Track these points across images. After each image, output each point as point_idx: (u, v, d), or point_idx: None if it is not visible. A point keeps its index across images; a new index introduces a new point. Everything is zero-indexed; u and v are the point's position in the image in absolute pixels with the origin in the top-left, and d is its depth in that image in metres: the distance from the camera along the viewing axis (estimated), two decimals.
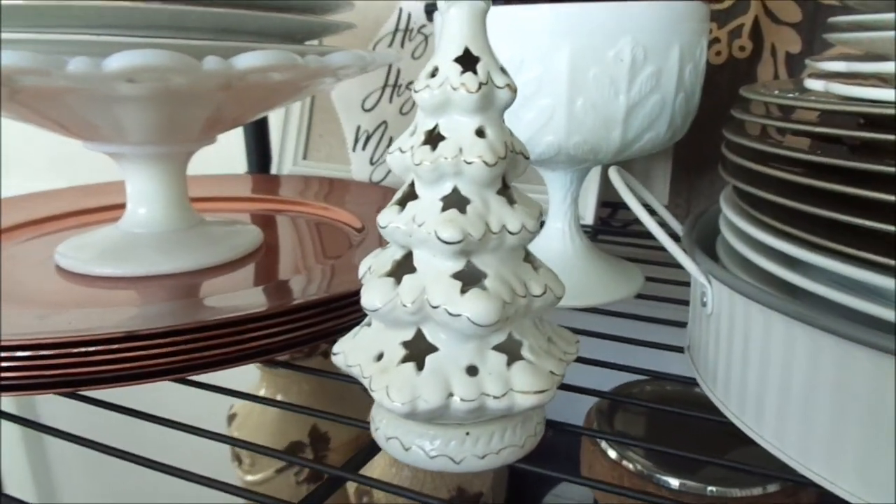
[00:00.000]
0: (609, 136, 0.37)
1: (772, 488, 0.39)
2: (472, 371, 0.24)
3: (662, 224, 0.42)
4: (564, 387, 0.35)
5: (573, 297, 0.42)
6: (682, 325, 0.37)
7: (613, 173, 0.33)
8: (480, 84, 0.23)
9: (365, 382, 0.25)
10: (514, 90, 0.24)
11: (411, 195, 0.25)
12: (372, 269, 0.26)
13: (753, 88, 0.33)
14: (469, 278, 0.24)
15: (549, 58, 0.36)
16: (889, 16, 0.26)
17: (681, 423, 0.41)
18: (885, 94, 0.25)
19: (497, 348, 0.25)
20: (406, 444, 0.26)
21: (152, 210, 0.45)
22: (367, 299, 0.25)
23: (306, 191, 0.65)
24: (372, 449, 0.29)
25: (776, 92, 0.32)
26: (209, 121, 0.44)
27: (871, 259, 0.23)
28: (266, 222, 0.57)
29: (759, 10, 0.55)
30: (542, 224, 0.26)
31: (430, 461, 0.26)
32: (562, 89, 0.36)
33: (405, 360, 0.25)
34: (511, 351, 0.25)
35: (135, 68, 0.29)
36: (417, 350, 0.25)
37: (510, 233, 0.24)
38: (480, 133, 0.24)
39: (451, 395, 0.24)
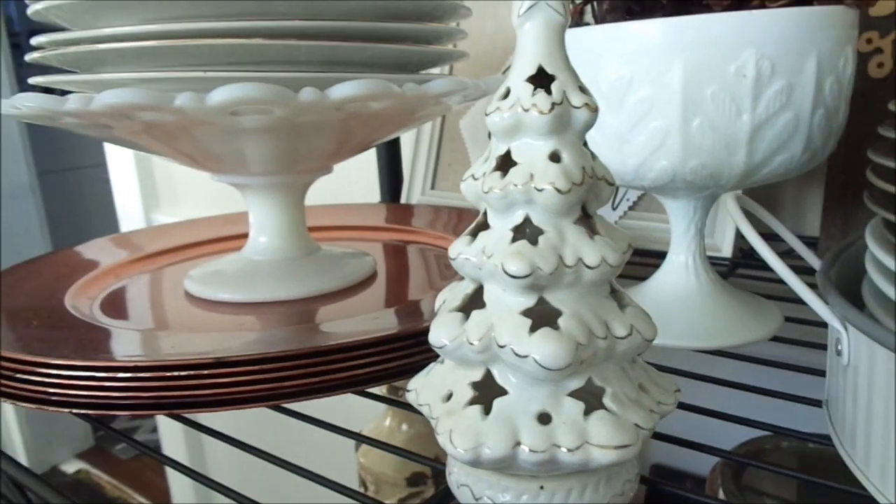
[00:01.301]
0: (731, 159, 0.33)
1: None
2: (544, 419, 0.22)
3: (782, 253, 0.37)
4: (683, 443, 0.32)
5: (696, 338, 0.38)
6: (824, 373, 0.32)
7: (730, 200, 0.29)
8: (553, 104, 0.21)
9: (433, 423, 0.24)
10: (593, 110, 0.22)
11: (483, 225, 0.24)
12: (446, 302, 0.25)
13: None
14: (544, 316, 0.22)
15: (661, 75, 0.33)
16: None
17: (822, 489, 0.35)
18: None
19: (574, 395, 0.23)
20: (476, 493, 0.24)
21: (272, 238, 0.46)
22: (434, 335, 0.23)
23: (436, 221, 0.65)
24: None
25: None
26: (326, 151, 0.45)
27: None
28: (395, 252, 0.57)
29: None
30: (627, 257, 0.23)
31: None
32: (675, 109, 0.33)
33: (473, 402, 0.23)
34: (591, 399, 0.23)
35: (235, 101, 0.30)
36: (488, 392, 0.23)
37: (588, 267, 0.22)
38: (555, 157, 0.22)
39: (518, 444, 0.22)
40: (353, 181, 0.96)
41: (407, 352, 0.33)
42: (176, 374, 0.29)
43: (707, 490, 0.39)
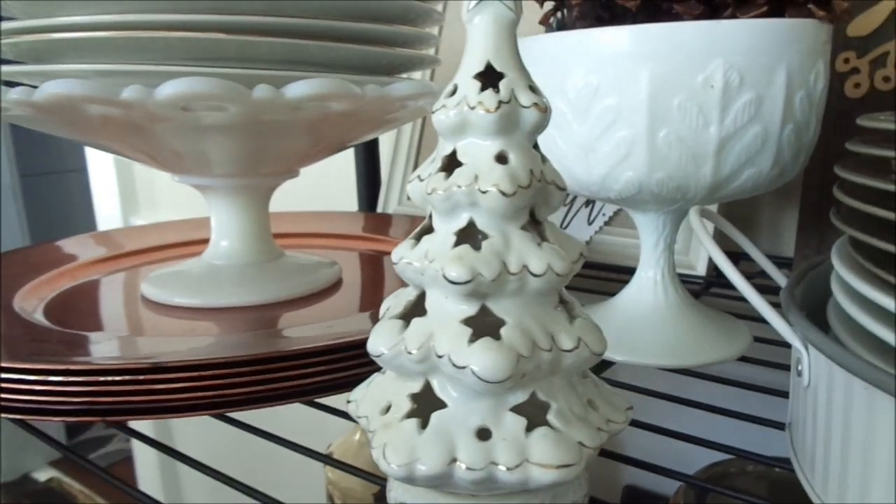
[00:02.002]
0: (698, 172, 0.33)
1: None
2: (483, 435, 0.21)
3: (755, 273, 0.37)
4: (645, 465, 0.31)
5: (662, 356, 0.37)
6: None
7: (693, 214, 0.28)
8: (501, 103, 0.20)
9: (370, 437, 0.23)
10: (543, 110, 0.21)
11: (428, 229, 0.23)
12: (389, 309, 0.24)
13: (874, 117, 0.28)
14: (488, 326, 0.21)
15: (628, 84, 0.32)
16: None
17: None
18: None
19: (517, 410, 0.21)
20: None
21: (233, 243, 0.45)
22: (372, 343, 0.22)
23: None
24: None
25: None
26: (293, 153, 0.44)
27: None
28: (370, 262, 0.56)
29: None
30: (578, 266, 0.22)
31: None
32: (642, 119, 0.32)
33: (411, 415, 0.22)
34: (535, 414, 0.21)
35: (184, 95, 0.29)
36: (428, 405, 0.22)
37: (533, 275, 0.21)
38: (501, 158, 0.21)
39: (454, 460, 0.20)
40: (333, 188, 0.95)
41: (356, 362, 0.31)
42: (110, 378, 0.28)
43: None
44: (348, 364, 0.32)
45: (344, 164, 0.83)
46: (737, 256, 0.57)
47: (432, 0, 0.43)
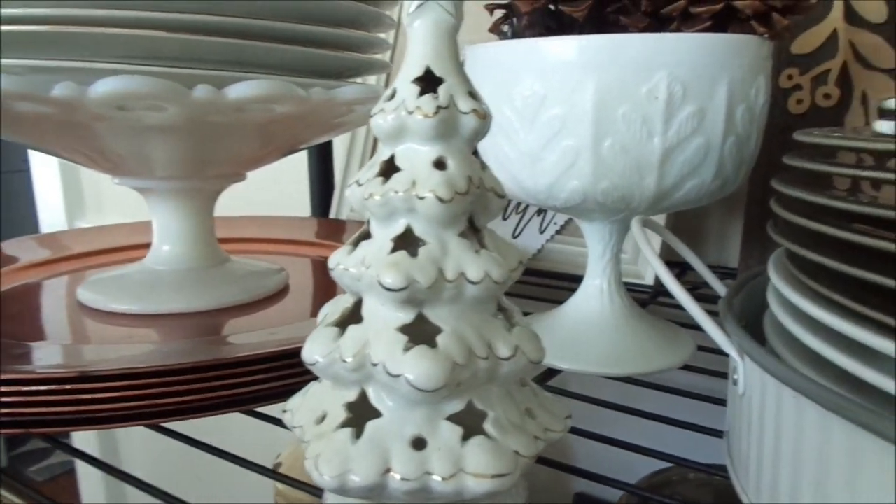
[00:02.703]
0: (642, 182, 0.33)
1: None
2: (418, 444, 0.21)
3: (702, 283, 0.37)
4: (589, 475, 0.31)
5: (606, 364, 0.37)
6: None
7: (635, 223, 0.29)
8: (439, 108, 0.20)
9: (304, 447, 0.22)
10: (482, 116, 0.21)
11: (366, 234, 0.22)
12: (326, 316, 0.23)
13: (809, 132, 0.28)
14: (424, 333, 0.21)
15: (574, 93, 0.32)
16: None
17: None
18: None
19: (453, 419, 0.21)
20: None
21: (175, 247, 0.44)
22: (307, 351, 0.22)
23: None
24: None
25: (837, 135, 0.27)
26: (239, 156, 0.43)
27: None
28: (322, 268, 0.55)
29: (849, 55, 0.49)
30: (517, 274, 0.22)
31: None
32: (587, 129, 0.32)
33: (346, 424, 0.21)
34: (472, 423, 0.21)
35: (119, 94, 0.28)
36: (364, 414, 0.22)
37: (470, 282, 0.21)
38: (440, 164, 0.21)
39: (388, 470, 0.20)
40: (285, 193, 0.93)
41: (299, 370, 0.31)
42: (35, 388, 0.27)
43: None
44: (290, 372, 0.31)
45: (297, 168, 0.82)
46: (685, 267, 0.58)
47: (385, 2, 0.42)
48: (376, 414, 0.21)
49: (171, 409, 0.29)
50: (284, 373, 0.31)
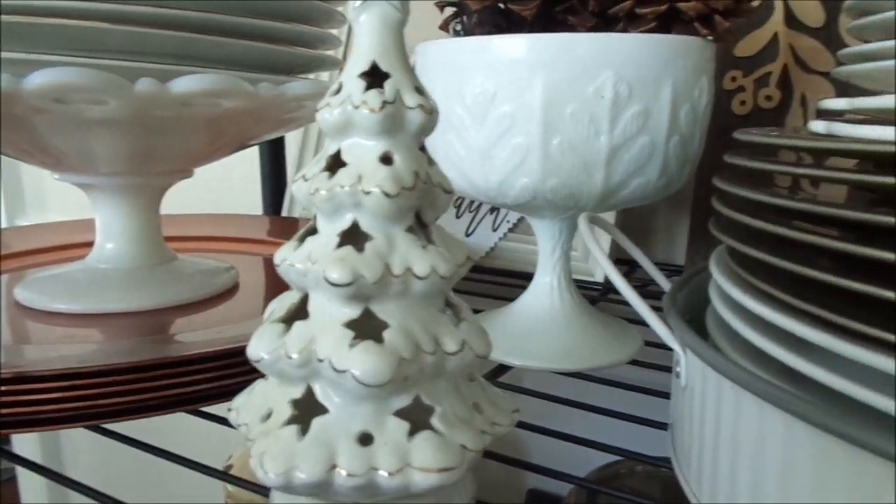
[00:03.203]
0: (590, 180, 0.33)
1: None
2: (365, 440, 0.21)
3: (650, 281, 0.38)
4: (538, 469, 0.31)
5: (556, 360, 0.38)
6: None
7: (582, 219, 0.29)
8: (385, 102, 0.20)
9: (249, 446, 0.22)
10: (429, 112, 0.21)
11: (313, 230, 0.22)
12: (273, 313, 0.23)
13: (748, 131, 0.29)
14: (372, 329, 0.21)
15: (523, 92, 0.32)
16: (888, 44, 0.22)
17: None
18: (880, 131, 0.21)
19: (400, 414, 0.21)
20: None
21: (119, 245, 0.43)
22: (252, 347, 0.21)
23: None
24: None
25: (774, 134, 0.28)
26: (186, 152, 0.42)
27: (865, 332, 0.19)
28: (273, 265, 0.54)
29: (789, 59, 0.51)
30: (464, 270, 0.22)
31: None
32: (536, 127, 0.32)
33: (292, 421, 0.21)
34: (419, 418, 0.21)
35: (56, 87, 0.27)
36: (310, 411, 0.21)
37: (417, 277, 0.21)
38: (386, 159, 0.21)
39: (334, 467, 0.20)
40: (237, 190, 0.92)
41: (246, 368, 0.30)
42: None
43: None
44: (237, 371, 0.31)
45: (249, 166, 0.80)
46: (634, 265, 0.59)
47: (335, 0, 0.42)
48: (323, 410, 0.21)
49: (114, 410, 0.29)
50: (232, 371, 0.31)
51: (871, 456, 0.17)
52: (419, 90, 0.21)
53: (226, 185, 0.91)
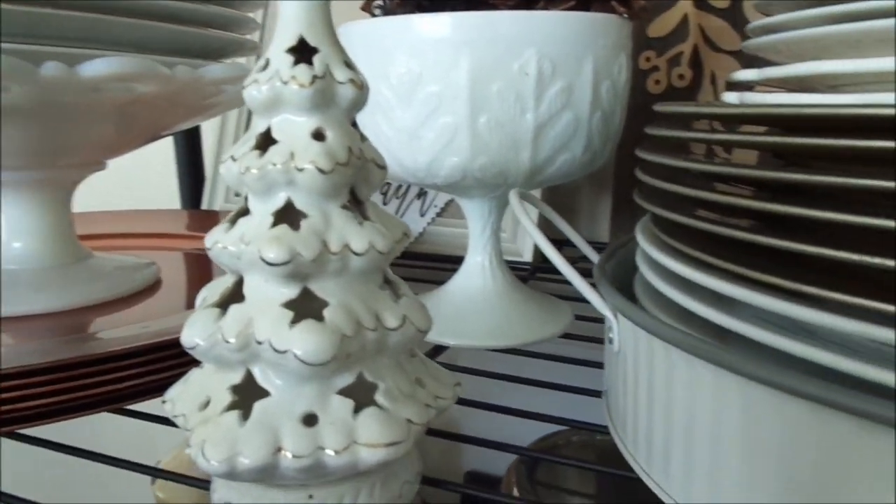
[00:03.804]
0: (518, 157, 0.34)
1: None
2: (309, 420, 0.20)
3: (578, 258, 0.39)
4: (477, 441, 0.31)
5: (490, 337, 0.38)
6: None
7: (514, 197, 0.29)
8: (315, 77, 0.20)
9: (187, 436, 0.21)
10: (359, 87, 0.21)
11: (244, 211, 0.21)
12: (206, 299, 0.22)
13: (667, 104, 0.30)
14: (310, 308, 0.20)
15: (449, 71, 0.32)
16: (790, 15, 0.23)
17: (612, 480, 0.36)
18: (788, 97, 0.22)
19: (344, 392, 0.21)
20: None
21: (28, 244, 0.40)
22: (186, 334, 0.21)
23: None
24: None
25: (693, 105, 0.29)
26: (98, 142, 0.40)
27: (789, 288, 0.20)
28: (196, 261, 0.53)
29: (699, 38, 0.53)
30: (402, 245, 0.22)
31: None
32: (463, 106, 0.33)
33: (232, 407, 0.21)
34: (363, 396, 0.21)
35: None
36: (250, 396, 0.21)
37: (355, 253, 0.20)
38: (318, 136, 0.20)
39: (279, 449, 0.20)
40: (154, 184, 0.88)
41: (173, 362, 0.29)
42: None
43: (503, 488, 0.39)
44: (164, 365, 0.30)
45: (163, 158, 0.77)
46: (561, 243, 0.61)
47: None
48: (264, 394, 0.21)
49: (33, 414, 0.27)
50: (159, 366, 0.30)
51: (796, 399, 0.18)
52: (349, 65, 0.21)
53: (141, 178, 0.87)
